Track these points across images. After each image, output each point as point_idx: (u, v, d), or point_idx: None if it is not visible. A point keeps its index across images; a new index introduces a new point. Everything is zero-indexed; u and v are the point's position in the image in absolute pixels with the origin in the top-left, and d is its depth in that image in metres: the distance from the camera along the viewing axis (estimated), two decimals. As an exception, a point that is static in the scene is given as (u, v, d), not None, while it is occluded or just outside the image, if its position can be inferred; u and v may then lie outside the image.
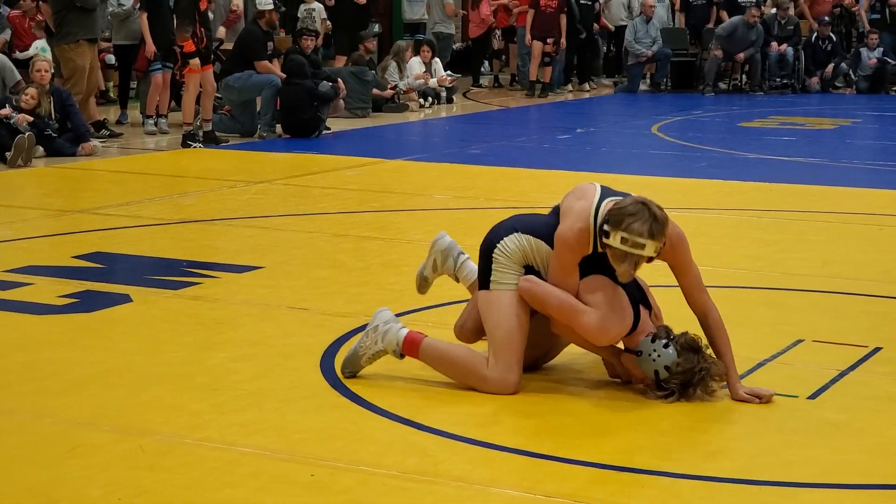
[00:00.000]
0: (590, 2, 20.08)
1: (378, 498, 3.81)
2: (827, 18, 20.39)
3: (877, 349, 5.44)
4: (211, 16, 14.21)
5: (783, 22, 19.94)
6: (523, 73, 20.32)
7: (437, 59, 17.86)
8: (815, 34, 20.12)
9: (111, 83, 16.32)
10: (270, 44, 14.01)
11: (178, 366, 5.10)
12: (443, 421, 4.45)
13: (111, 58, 15.45)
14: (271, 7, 14.06)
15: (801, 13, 20.87)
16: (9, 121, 11.31)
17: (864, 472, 4.08)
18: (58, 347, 5.36)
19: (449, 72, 18.44)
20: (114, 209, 8.88)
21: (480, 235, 4.99)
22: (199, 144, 12.62)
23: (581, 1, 19.72)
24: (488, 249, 4.81)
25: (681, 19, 20.90)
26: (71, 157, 11.56)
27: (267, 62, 13.76)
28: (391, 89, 16.54)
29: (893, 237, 8.24)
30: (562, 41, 18.82)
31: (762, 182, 10.48)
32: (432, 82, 17.44)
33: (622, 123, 16.15)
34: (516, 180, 10.65)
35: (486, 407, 4.62)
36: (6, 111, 11.42)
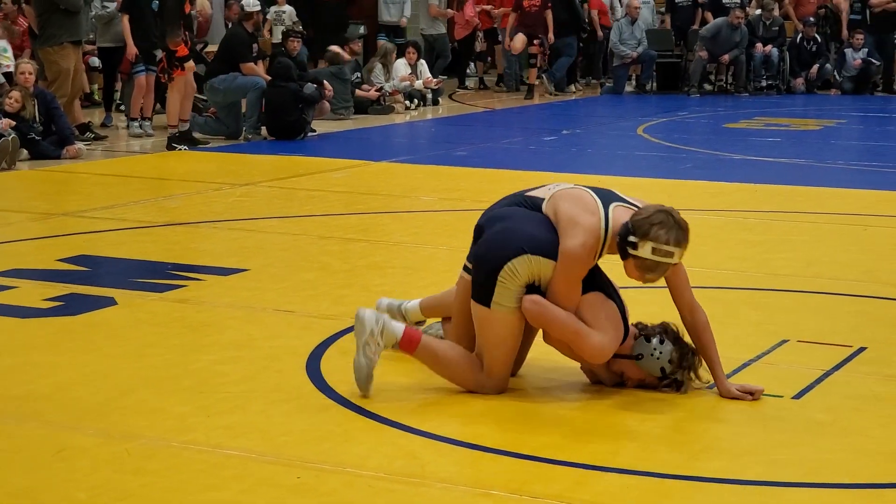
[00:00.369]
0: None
1: (364, 500, 3.81)
2: (812, 19, 20.42)
3: (861, 349, 5.45)
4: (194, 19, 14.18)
5: (768, 23, 19.97)
6: (509, 75, 20.33)
7: (423, 61, 17.86)
8: (800, 35, 20.16)
9: (96, 86, 16.25)
10: (255, 46, 13.99)
11: (164, 369, 5.09)
12: (429, 423, 4.45)
13: (95, 60, 15.40)
14: (258, 9, 14.04)
15: (786, 14, 20.88)
16: (-8, 124, 11.30)
17: (849, 472, 4.10)
18: (43, 351, 5.35)
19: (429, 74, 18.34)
20: (99, 212, 8.86)
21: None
22: (185, 147, 12.59)
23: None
24: (494, 268, 4.67)
25: (666, 20, 20.92)
26: (55, 160, 11.52)
27: (252, 64, 13.72)
28: (376, 91, 16.53)
29: (877, 237, 8.26)
30: (549, 36, 18.81)
31: (747, 183, 10.50)
32: (418, 84, 17.43)
33: (608, 125, 16.15)
34: (502, 182, 10.61)
35: (473, 409, 4.62)
36: (-10, 115, 11.40)
